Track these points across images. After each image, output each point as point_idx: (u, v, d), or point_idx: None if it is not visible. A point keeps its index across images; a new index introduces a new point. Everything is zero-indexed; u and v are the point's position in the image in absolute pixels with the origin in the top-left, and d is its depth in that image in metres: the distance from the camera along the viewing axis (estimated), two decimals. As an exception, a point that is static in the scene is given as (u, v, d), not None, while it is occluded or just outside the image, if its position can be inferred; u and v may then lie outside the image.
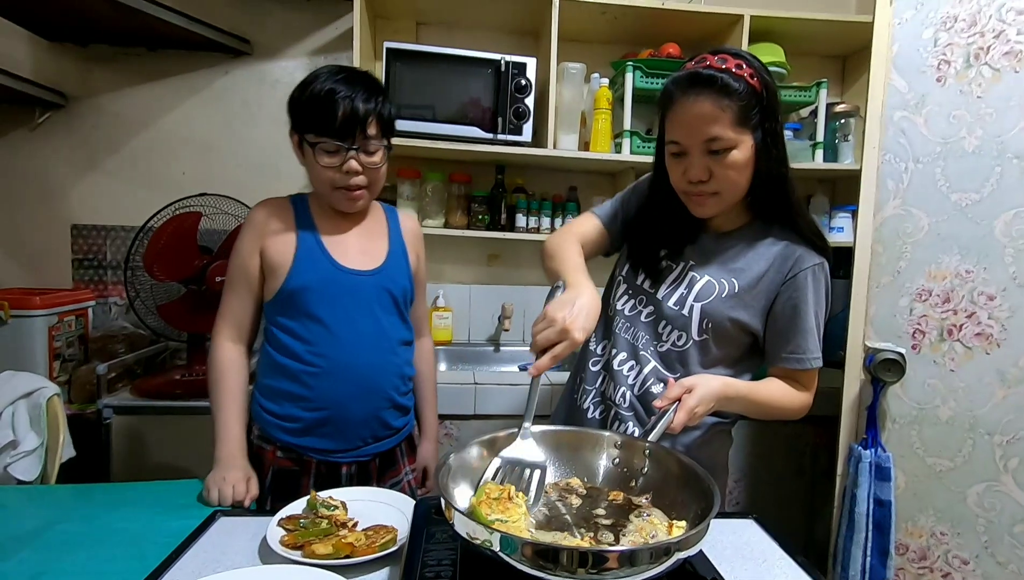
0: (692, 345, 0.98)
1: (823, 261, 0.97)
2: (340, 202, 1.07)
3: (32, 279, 1.99)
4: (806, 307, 0.95)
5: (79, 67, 1.94)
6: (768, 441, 1.77)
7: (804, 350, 0.96)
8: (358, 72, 1.06)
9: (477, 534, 0.58)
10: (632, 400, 1.01)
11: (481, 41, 2.03)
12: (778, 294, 0.96)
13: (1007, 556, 1.27)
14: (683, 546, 0.58)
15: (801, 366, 0.96)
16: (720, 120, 0.87)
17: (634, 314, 1.03)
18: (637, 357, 1.01)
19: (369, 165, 1.04)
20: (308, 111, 1.02)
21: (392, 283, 1.11)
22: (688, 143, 0.90)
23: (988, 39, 1.23)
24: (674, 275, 1.01)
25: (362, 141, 1.02)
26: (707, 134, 0.88)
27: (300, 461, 1.08)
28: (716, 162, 0.89)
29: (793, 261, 0.96)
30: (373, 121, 1.02)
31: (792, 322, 0.96)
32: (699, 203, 0.95)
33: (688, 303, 0.98)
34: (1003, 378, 1.26)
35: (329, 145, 1.01)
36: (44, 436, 1.30)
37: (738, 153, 0.89)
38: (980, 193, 1.25)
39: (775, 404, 0.98)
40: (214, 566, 0.77)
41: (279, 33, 2.01)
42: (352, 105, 1.00)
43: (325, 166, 1.02)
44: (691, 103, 0.88)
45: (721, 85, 0.86)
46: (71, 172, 1.98)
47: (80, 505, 0.97)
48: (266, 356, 1.10)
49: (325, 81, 1.01)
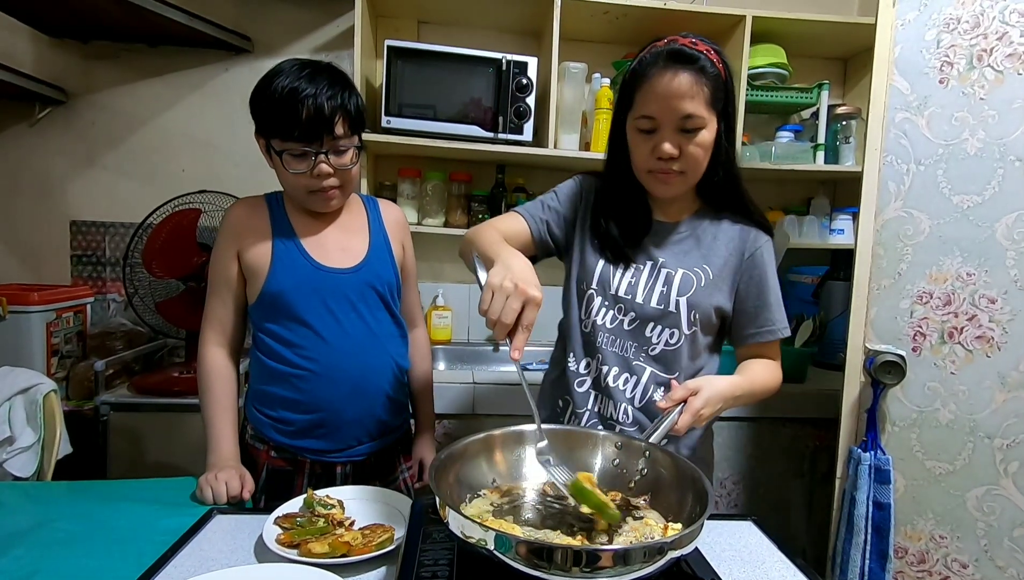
0: (684, 340, 0.98)
1: (770, 238, 1.03)
2: (314, 204, 1.04)
3: (30, 275, 1.99)
4: (769, 282, 1.00)
5: (80, 63, 1.94)
6: (767, 443, 1.77)
7: (774, 322, 1.00)
8: (321, 65, 1.00)
9: (472, 533, 0.57)
10: (635, 414, 1.00)
11: (483, 40, 2.03)
12: (741, 275, 1.00)
13: (1006, 560, 1.27)
14: (676, 545, 0.57)
15: (773, 337, 1.00)
16: (697, 98, 0.88)
17: (616, 325, 1.00)
18: (631, 368, 1.00)
19: (340, 167, 1.00)
20: (270, 114, 0.96)
21: (375, 278, 1.08)
22: (663, 118, 0.90)
23: (991, 41, 1.23)
24: (646, 275, 1.00)
25: (331, 143, 0.98)
26: (684, 110, 0.89)
27: (294, 461, 1.07)
28: (687, 140, 0.91)
29: (749, 241, 1.01)
30: (340, 119, 0.97)
31: (759, 298, 1.00)
32: (664, 181, 0.95)
33: (672, 299, 0.98)
34: (1004, 381, 1.25)
35: (296, 150, 0.97)
36: (41, 432, 1.29)
37: (707, 133, 0.91)
38: (982, 196, 1.25)
39: (767, 387, 1.00)
40: (210, 564, 0.76)
41: (280, 31, 2.01)
42: (316, 104, 0.94)
43: (295, 172, 0.98)
44: (671, 77, 0.89)
45: (700, 65, 0.89)
46: (70, 168, 1.98)
47: (76, 502, 0.97)
48: (256, 362, 1.08)
49: (286, 79, 0.95)
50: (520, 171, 2.08)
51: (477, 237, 0.94)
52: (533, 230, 1.02)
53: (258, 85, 0.99)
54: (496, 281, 0.73)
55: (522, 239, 1.01)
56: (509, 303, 0.71)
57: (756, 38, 1.91)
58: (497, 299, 0.72)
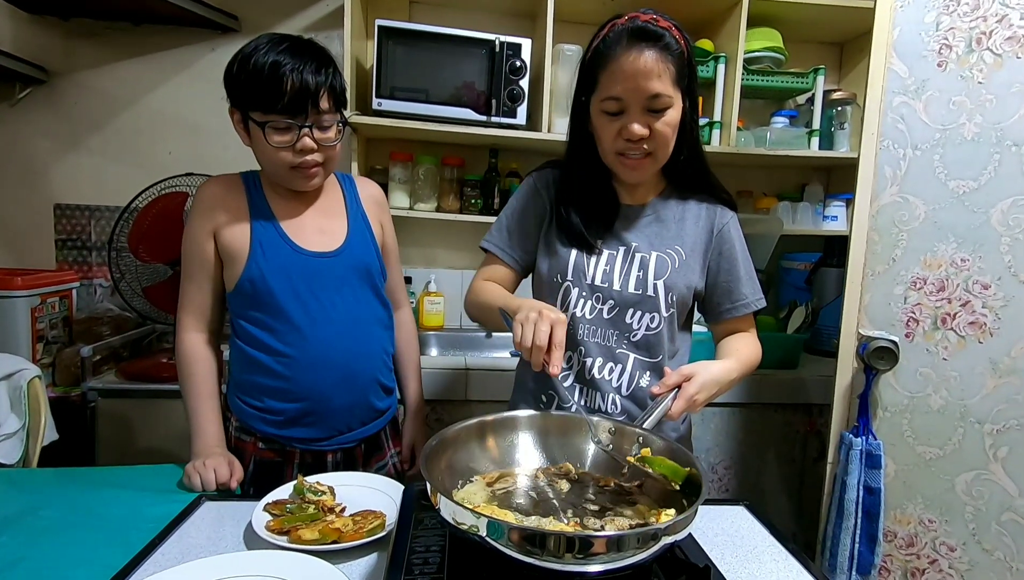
0: (664, 323, 0.98)
1: (735, 214, 1.03)
2: (294, 181, 1.01)
3: (13, 259, 1.95)
4: (739, 256, 1.01)
5: (61, 41, 1.89)
6: (758, 429, 1.78)
7: (747, 296, 1.01)
8: (303, 41, 0.97)
9: (463, 519, 0.57)
10: (624, 403, 0.99)
11: (475, 21, 1.99)
12: (711, 252, 1.00)
13: (993, 544, 1.28)
14: (670, 531, 0.57)
15: (748, 310, 1.01)
16: (663, 76, 0.87)
17: (596, 314, 0.99)
18: (615, 357, 0.99)
19: (324, 142, 0.98)
20: (252, 86, 0.93)
21: (358, 261, 1.06)
22: (630, 98, 0.88)
23: (991, 23, 1.21)
24: (620, 260, 0.99)
25: (315, 117, 0.95)
26: (651, 89, 0.87)
27: (283, 452, 1.05)
28: (655, 119, 0.90)
29: (716, 218, 1.01)
30: (325, 94, 0.96)
31: (731, 274, 1.01)
32: (633, 166, 0.94)
33: (650, 283, 0.97)
34: (995, 367, 1.26)
35: (280, 123, 0.94)
36: (25, 418, 1.27)
37: (673, 113, 0.90)
38: (978, 181, 1.24)
39: (754, 363, 1.01)
40: (198, 551, 0.75)
41: (268, 9, 1.96)
42: (302, 78, 0.92)
43: (276, 146, 0.95)
44: (637, 56, 0.87)
45: (665, 43, 0.87)
46: (53, 150, 1.93)
47: (62, 489, 0.95)
48: (236, 351, 1.05)
49: (267, 53, 0.92)
50: (513, 155, 2.05)
51: (483, 296, 1.01)
52: (510, 263, 1.06)
53: (237, 56, 0.96)
54: (522, 317, 0.82)
55: (507, 276, 1.07)
56: (539, 327, 0.79)
57: (753, 21, 1.89)
58: (527, 328, 0.80)
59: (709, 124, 1.91)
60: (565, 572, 0.54)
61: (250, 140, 0.99)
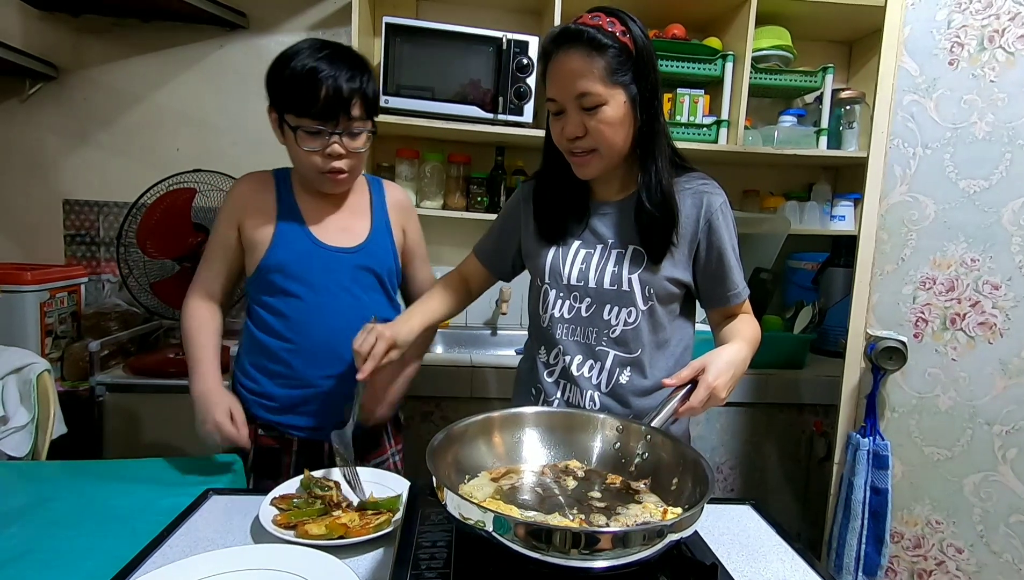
0: (641, 317, 0.97)
1: (724, 197, 0.99)
2: (322, 184, 1.05)
3: (23, 254, 1.96)
4: (728, 247, 0.98)
5: (71, 38, 1.90)
6: (764, 428, 1.77)
7: (737, 285, 0.99)
8: (342, 48, 1.01)
9: (470, 514, 0.57)
10: (602, 400, 0.99)
11: (483, 19, 1.99)
12: (699, 241, 0.98)
13: (1001, 546, 1.27)
14: (676, 528, 0.57)
15: (740, 300, 1.00)
16: (588, 75, 0.87)
17: (574, 314, 1.00)
18: (594, 354, 0.99)
19: (353, 149, 1.01)
20: (288, 90, 0.97)
21: (373, 261, 1.09)
22: (562, 99, 0.90)
23: (1003, 21, 1.20)
24: (596, 257, 0.99)
25: (346, 124, 0.99)
26: (577, 89, 0.88)
27: (282, 439, 1.08)
28: (590, 118, 0.90)
29: (703, 206, 0.97)
30: (358, 102, 0.99)
31: (720, 265, 0.98)
32: (581, 163, 0.95)
33: (624, 277, 0.97)
34: (1005, 368, 1.25)
35: (311, 127, 0.97)
36: (35, 412, 1.28)
37: (610, 109, 0.89)
38: (989, 180, 1.23)
39: (758, 340, 0.99)
40: (206, 544, 0.76)
41: (276, 7, 1.96)
42: (336, 85, 0.95)
43: (307, 150, 0.99)
44: (562, 58, 0.89)
45: (588, 39, 0.87)
46: (62, 146, 1.94)
47: (71, 482, 0.96)
48: (247, 335, 1.10)
49: (307, 58, 0.96)
50: (520, 153, 2.05)
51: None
52: (485, 263, 1.15)
53: (278, 58, 1.00)
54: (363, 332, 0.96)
55: (480, 274, 1.16)
56: (367, 339, 0.94)
57: (761, 20, 1.88)
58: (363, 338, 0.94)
59: (716, 122, 1.90)
60: (571, 568, 0.54)
61: (284, 139, 1.03)
